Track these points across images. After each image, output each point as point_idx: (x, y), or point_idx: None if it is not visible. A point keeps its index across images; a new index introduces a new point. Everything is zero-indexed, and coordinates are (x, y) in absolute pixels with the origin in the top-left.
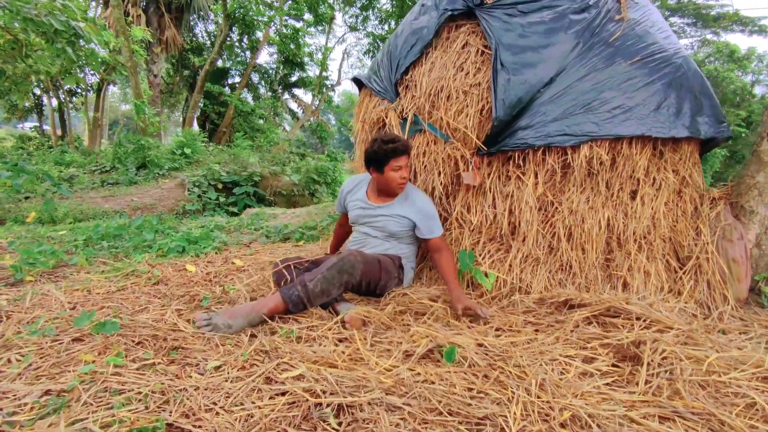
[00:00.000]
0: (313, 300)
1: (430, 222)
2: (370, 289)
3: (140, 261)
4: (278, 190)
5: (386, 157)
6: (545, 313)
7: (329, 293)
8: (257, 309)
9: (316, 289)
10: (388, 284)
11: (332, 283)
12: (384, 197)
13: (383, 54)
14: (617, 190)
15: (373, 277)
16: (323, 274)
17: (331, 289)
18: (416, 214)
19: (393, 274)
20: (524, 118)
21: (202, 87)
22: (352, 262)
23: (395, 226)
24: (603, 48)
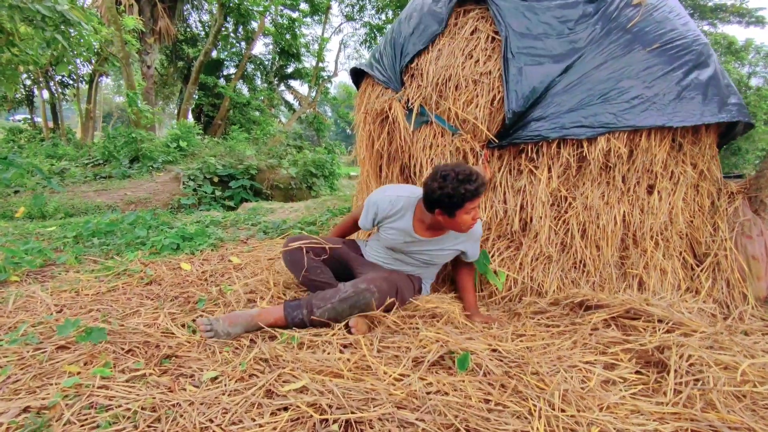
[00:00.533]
0: (316, 324)
1: (476, 245)
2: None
3: (132, 259)
4: (275, 184)
5: (463, 201)
6: (560, 314)
7: (336, 321)
8: (257, 320)
9: (322, 317)
10: (400, 306)
11: (341, 315)
12: (436, 231)
13: (386, 42)
14: (634, 185)
15: (387, 305)
16: (333, 305)
17: (339, 319)
18: (470, 244)
19: (407, 298)
20: (538, 108)
21: (196, 78)
22: (367, 300)
23: (444, 257)
24: (620, 34)
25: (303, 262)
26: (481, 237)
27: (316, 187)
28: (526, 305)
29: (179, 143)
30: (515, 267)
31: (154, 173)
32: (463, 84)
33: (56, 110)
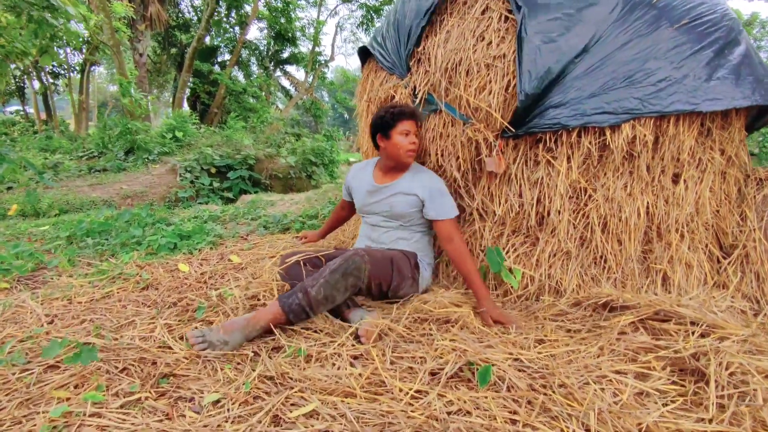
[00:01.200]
0: (315, 308)
1: (440, 199)
2: (381, 292)
3: (127, 261)
4: (274, 173)
5: (393, 120)
6: (582, 316)
7: (333, 299)
8: (254, 322)
9: (318, 296)
10: (401, 286)
11: (336, 288)
12: (391, 174)
13: (388, 24)
14: (658, 174)
15: (383, 278)
16: (326, 278)
17: (336, 294)
18: (423, 189)
19: (407, 274)
20: (556, 93)
21: (190, 66)
22: (357, 263)
23: (400, 204)
24: (646, 10)
25: (302, 276)
26: (439, 190)
27: (315, 175)
28: (546, 306)
29: (175, 134)
30: (531, 264)
31: (150, 165)
32: (475, 69)
33: (48, 101)
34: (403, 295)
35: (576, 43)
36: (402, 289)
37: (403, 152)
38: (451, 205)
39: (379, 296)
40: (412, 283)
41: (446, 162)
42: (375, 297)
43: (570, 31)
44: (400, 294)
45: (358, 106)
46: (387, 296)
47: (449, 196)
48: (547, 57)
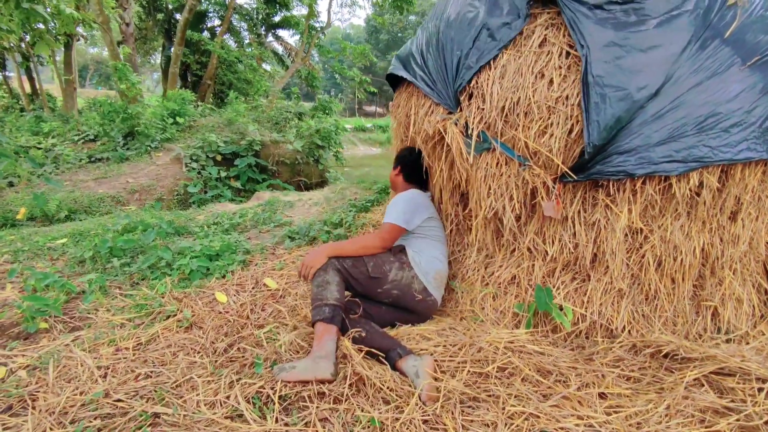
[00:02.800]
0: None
1: (389, 207)
2: (364, 275)
3: (163, 292)
4: (281, 159)
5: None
6: (640, 365)
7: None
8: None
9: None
10: (384, 265)
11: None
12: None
13: (428, 41)
14: (716, 213)
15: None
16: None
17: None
18: (390, 203)
19: (385, 257)
20: (623, 140)
21: (182, 38)
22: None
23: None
24: (719, 46)
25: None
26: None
27: (322, 159)
28: (601, 351)
29: (176, 119)
30: (582, 301)
31: (152, 153)
32: (535, 111)
33: (32, 74)
34: (401, 281)
35: (646, 86)
36: (391, 272)
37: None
38: (393, 211)
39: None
40: (402, 266)
41: (498, 202)
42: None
43: (639, 73)
44: (394, 278)
45: (393, 129)
46: (382, 283)
47: (399, 206)
48: (616, 105)
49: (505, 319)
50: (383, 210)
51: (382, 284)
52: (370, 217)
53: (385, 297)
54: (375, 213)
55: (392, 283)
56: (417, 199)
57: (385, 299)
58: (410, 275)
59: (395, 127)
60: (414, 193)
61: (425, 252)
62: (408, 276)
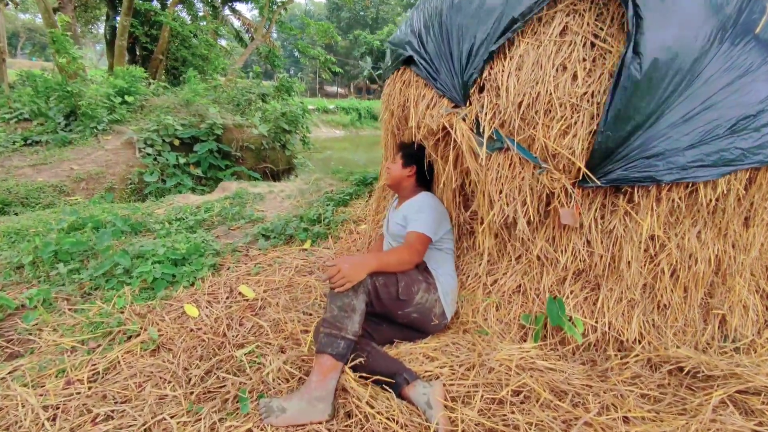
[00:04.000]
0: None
1: (415, 215)
2: (391, 296)
3: (122, 307)
4: (245, 145)
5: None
6: (659, 382)
7: (351, 307)
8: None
9: (334, 311)
10: (413, 288)
11: (343, 295)
12: (401, 201)
13: (429, 28)
14: (731, 220)
15: (384, 275)
16: (328, 295)
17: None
18: (410, 208)
19: (415, 276)
20: (649, 142)
21: (129, 7)
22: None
23: (396, 224)
24: (749, 41)
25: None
26: (419, 206)
27: (289, 144)
28: (616, 367)
29: (125, 99)
30: (591, 311)
31: (100, 137)
32: (557, 108)
33: None
34: (425, 304)
35: (678, 78)
36: (418, 293)
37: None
38: (423, 220)
39: (395, 306)
40: (429, 287)
41: (509, 206)
42: (391, 309)
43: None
44: (419, 301)
45: (386, 118)
46: (406, 306)
47: (426, 213)
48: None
49: (511, 332)
50: (365, 205)
51: (405, 306)
52: (350, 212)
53: (401, 319)
54: (354, 207)
55: (416, 306)
56: (441, 208)
57: (400, 321)
58: (434, 298)
59: (386, 119)
60: (436, 199)
61: (442, 267)
62: (432, 299)
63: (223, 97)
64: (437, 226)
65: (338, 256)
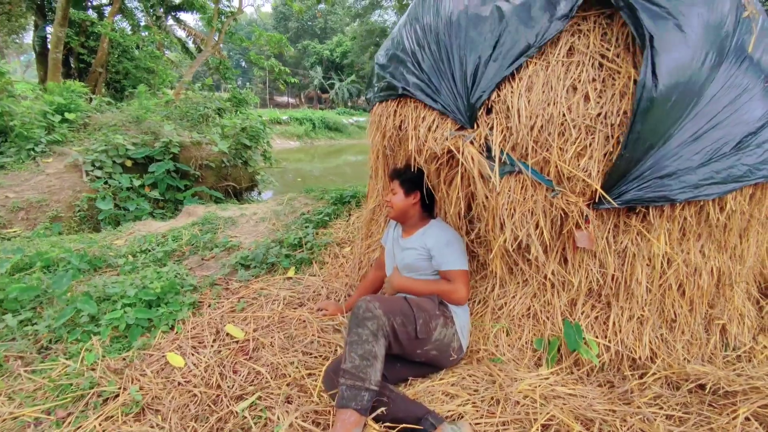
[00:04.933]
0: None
1: (445, 250)
2: (410, 336)
3: (93, 362)
4: (204, 163)
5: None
6: (681, 401)
7: (372, 354)
8: None
9: (354, 361)
10: (431, 324)
11: (364, 341)
12: (408, 230)
13: (423, 46)
14: (730, 233)
15: (404, 315)
16: (348, 343)
17: (368, 347)
18: (430, 240)
19: (432, 311)
20: (662, 161)
21: (64, 17)
22: (364, 306)
23: (410, 256)
24: (745, 61)
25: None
26: (447, 241)
27: (251, 161)
28: (635, 388)
29: (65, 116)
30: (603, 330)
31: (39, 160)
32: (572, 130)
33: None
34: (443, 340)
35: (689, 98)
36: (436, 330)
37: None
38: (457, 255)
39: (413, 346)
40: (446, 322)
41: (522, 231)
42: (409, 349)
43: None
44: (437, 338)
45: (378, 140)
46: (424, 344)
47: (456, 247)
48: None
49: (525, 358)
50: (347, 225)
51: (424, 345)
52: (332, 234)
53: (420, 358)
54: (335, 228)
55: (434, 343)
56: (459, 234)
57: (418, 360)
58: (451, 333)
59: (377, 140)
60: (453, 229)
61: (463, 307)
62: (449, 334)
63: (176, 113)
64: (465, 257)
65: (326, 281)
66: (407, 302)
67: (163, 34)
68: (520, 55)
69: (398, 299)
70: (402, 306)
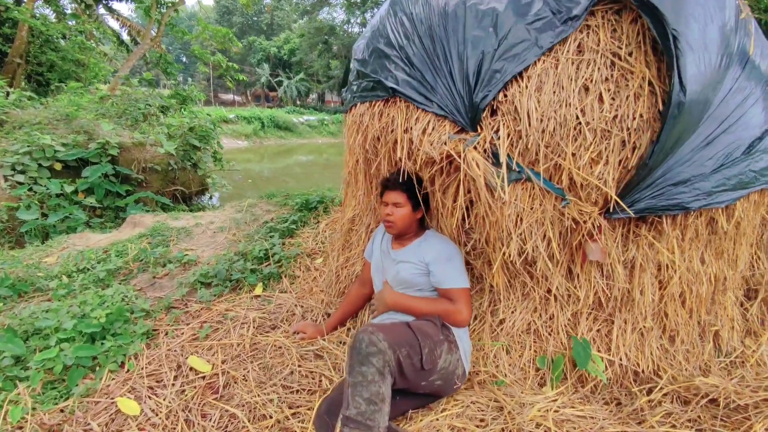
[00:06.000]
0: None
1: (446, 266)
2: (415, 368)
3: (20, 420)
4: (149, 166)
5: (381, 189)
6: (692, 417)
7: (380, 395)
8: None
9: (360, 407)
10: (437, 352)
11: (370, 382)
12: (400, 241)
13: (411, 39)
14: (729, 240)
15: (409, 345)
16: (351, 384)
17: (374, 387)
18: (428, 254)
19: (437, 337)
20: (675, 167)
21: None
22: (366, 338)
23: (409, 271)
24: (748, 63)
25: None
26: (451, 258)
27: (201, 163)
28: (645, 406)
29: None
30: (607, 345)
31: None
32: (587, 134)
33: None
34: (448, 368)
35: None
36: (441, 357)
37: (381, 221)
38: (459, 272)
39: (419, 378)
40: (450, 348)
41: (529, 243)
42: (414, 383)
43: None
44: (442, 366)
45: (359, 142)
46: (429, 375)
47: (457, 262)
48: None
49: (528, 378)
50: (316, 234)
51: (429, 376)
52: (300, 244)
53: (424, 390)
54: (303, 237)
55: (440, 372)
56: (459, 248)
57: (422, 391)
58: (456, 358)
59: (359, 143)
60: (452, 241)
61: (463, 329)
62: (454, 360)
63: (113, 111)
64: (466, 273)
65: (300, 298)
66: (410, 329)
67: (94, 24)
68: (530, 52)
69: (400, 326)
70: (407, 335)
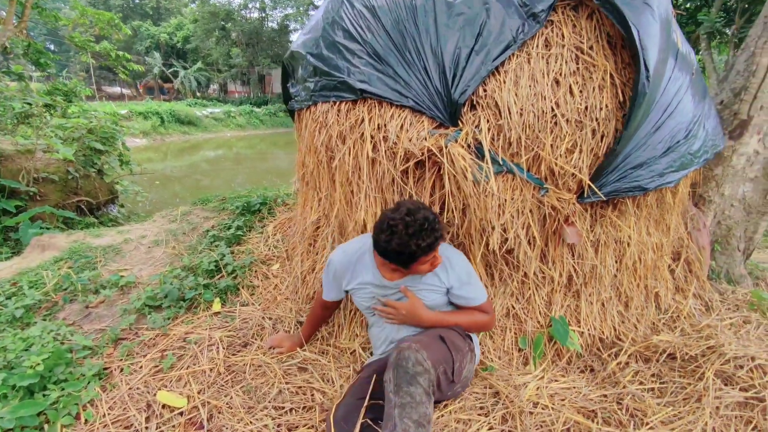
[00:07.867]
0: None
1: (470, 284)
2: (448, 381)
3: None
4: (42, 175)
5: (414, 257)
6: (658, 372)
7: (427, 416)
8: None
9: (409, 430)
10: (463, 364)
11: (419, 404)
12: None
13: (376, 32)
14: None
15: (445, 361)
16: (396, 404)
17: (422, 408)
18: (453, 276)
19: (463, 347)
20: (634, 151)
21: None
22: (413, 358)
23: (435, 301)
24: (678, 54)
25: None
26: (468, 274)
27: (108, 168)
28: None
29: None
30: (576, 319)
31: None
32: (564, 125)
33: None
34: (468, 375)
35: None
36: (465, 367)
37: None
38: (480, 286)
39: (447, 390)
40: (471, 357)
41: (511, 232)
42: (445, 395)
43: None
44: (465, 375)
45: (317, 146)
46: (455, 385)
47: (474, 275)
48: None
49: (513, 360)
50: (266, 239)
51: (455, 386)
52: (251, 251)
53: (448, 398)
54: (253, 244)
55: (463, 381)
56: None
57: (443, 399)
58: (473, 366)
59: (323, 144)
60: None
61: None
62: (472, 368)
63: None
64: None
65: (265, 309)
66: (444, 343)
67: None
68: (507, 47)
69: (436, 341)
70: (443, 352)
